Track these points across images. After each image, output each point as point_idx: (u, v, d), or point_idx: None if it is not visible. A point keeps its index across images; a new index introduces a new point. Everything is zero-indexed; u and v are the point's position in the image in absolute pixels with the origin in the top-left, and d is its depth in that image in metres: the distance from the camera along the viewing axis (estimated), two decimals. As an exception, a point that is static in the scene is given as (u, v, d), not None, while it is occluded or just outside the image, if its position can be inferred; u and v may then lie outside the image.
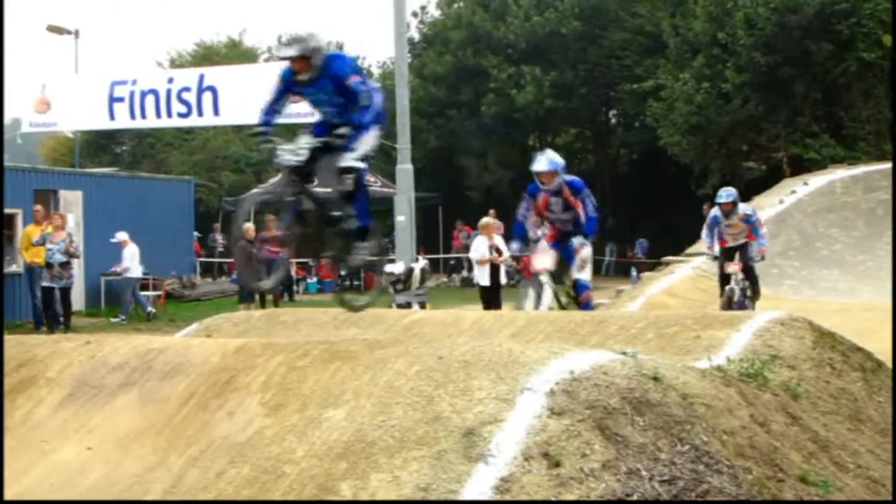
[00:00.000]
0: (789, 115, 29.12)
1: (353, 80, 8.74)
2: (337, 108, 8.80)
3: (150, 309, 24.46)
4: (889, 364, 8.36)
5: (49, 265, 21.16)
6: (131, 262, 23.91)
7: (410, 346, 6.35)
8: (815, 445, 6.37)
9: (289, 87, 8.96)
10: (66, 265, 21.55)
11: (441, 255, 34.07)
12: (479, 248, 18.96)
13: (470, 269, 22.88)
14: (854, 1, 27.67)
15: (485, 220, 19.71)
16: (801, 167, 27.22)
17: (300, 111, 11.10)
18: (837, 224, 22.13)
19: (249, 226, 23.63)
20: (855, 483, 6.19)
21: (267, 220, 27.87)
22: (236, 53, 51.30)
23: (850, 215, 22.39)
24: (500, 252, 18.83)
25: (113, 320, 23.46)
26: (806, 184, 23.39)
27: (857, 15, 27.60)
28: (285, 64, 8.80)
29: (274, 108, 9.01)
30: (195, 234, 34.44)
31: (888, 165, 23.96)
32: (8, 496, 6.06)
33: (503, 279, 19.42)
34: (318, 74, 8.70)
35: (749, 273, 15.71)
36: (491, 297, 18.81)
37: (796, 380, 7.11)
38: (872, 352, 8.31)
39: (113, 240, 23.99)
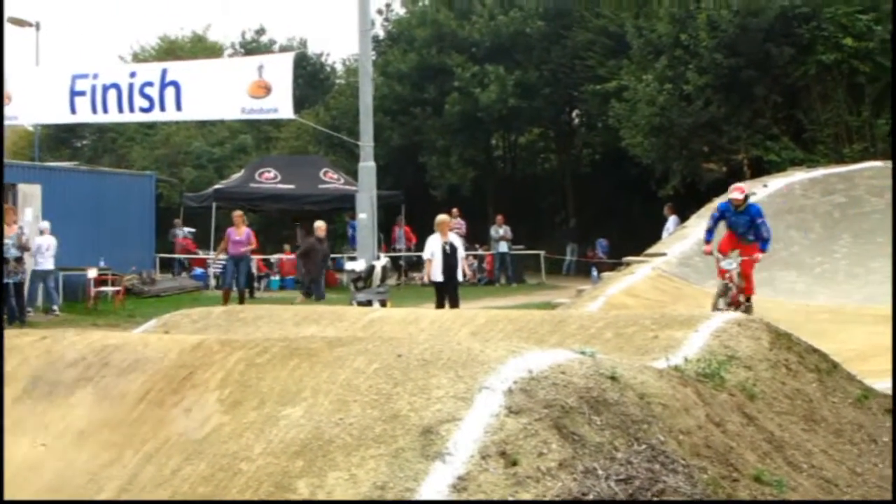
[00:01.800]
0: (750, 117, 29.23)
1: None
2: None
3: (55, 308, 24.25)
4: (846, 367, 8.43)
5: (4, 260, 21.03)
6: (44, 254, 23.75)
7: (370, 344, 6.35)
8: (770, 445, 6.42)
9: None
10: (18, 260, 21.43)
11: (402, 253, 34.08)
12: (431, 245, 19.01)
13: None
14: (814, 5, 27.86)
15: (440, 217, 19.71)
16: (761, 169, 27.34)
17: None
18: (795, 226, 22.27)
19: (321, 224, 23.53)
20: (808, 483, 6.23)
21: (234, 216, 27.89)
22: (200, 48, 51.23)
23: (809, 217, 22.55)
24: (453, 249, 18.90)
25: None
26: (766, 186, 23.50)
27: (817, 19, 27.74)
28: None
29: None
30: (187, 230, 34.29)
31: (845, 168, 24.17)
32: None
33: (460, 276, 19.36)
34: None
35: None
36: (443, 293, 18.89)
37: (752, 380, 7.16)
38: (828, 353, 8.38)
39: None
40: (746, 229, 16.25)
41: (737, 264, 15.81)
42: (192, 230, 34.69)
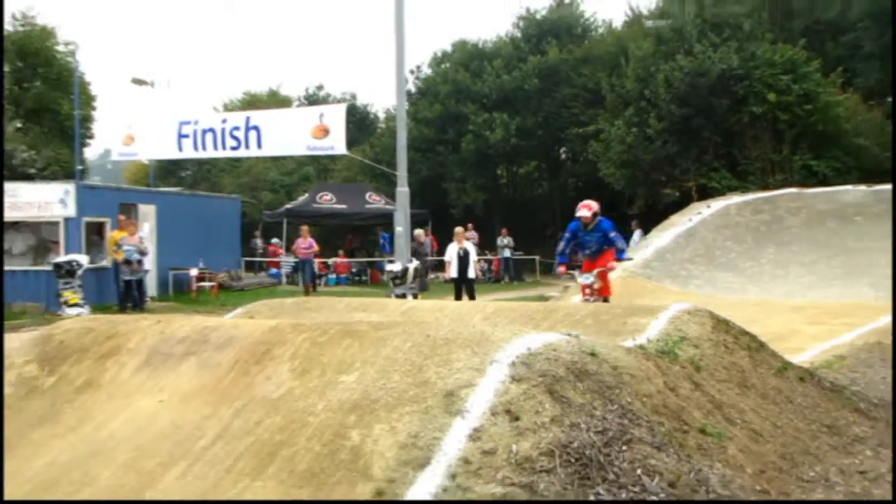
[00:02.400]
0: (697, 154, 29.17)
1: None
2: None
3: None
4: (770, 345, 8.43)
5: (128, 262, 21.23)
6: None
7: (405, 328, 6.37)
8: (712, 405, 6.43)
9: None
10: (139, 262, 21.62)
11: (428, 258, 34.07)
12: (450, 251, 19.66)
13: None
14: (747, 68, 27.85)
15: (456, 229, 20.18)
16: (705, 194, 27.22)
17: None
18: (732, 238, 22.18)
19: (420, 232, 23.37)
20: (741, 433, 6.24)
21: (301, 229, 27.97)
22: (275, 100, 51.33)
23: (742, 231, 22.45)
24: (466, 253, 19.20)
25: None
26: (709, 206, 23.42)
27: (749, 78, 27.75)
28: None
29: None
30: (275, 240, 34.15)
31: (770, 193, 24.07)
32: (100, 436, 6.07)
33: (472, 274, 19.64)
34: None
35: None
36: (459, 286, 19.37)
37: (699, 356, 7.17)
38: (757, 335, 8.38)
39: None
40: (599, 246, 12.80)
41: (594, 278, 12.53)
42: (278, 240, 34.60)
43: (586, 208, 12.77)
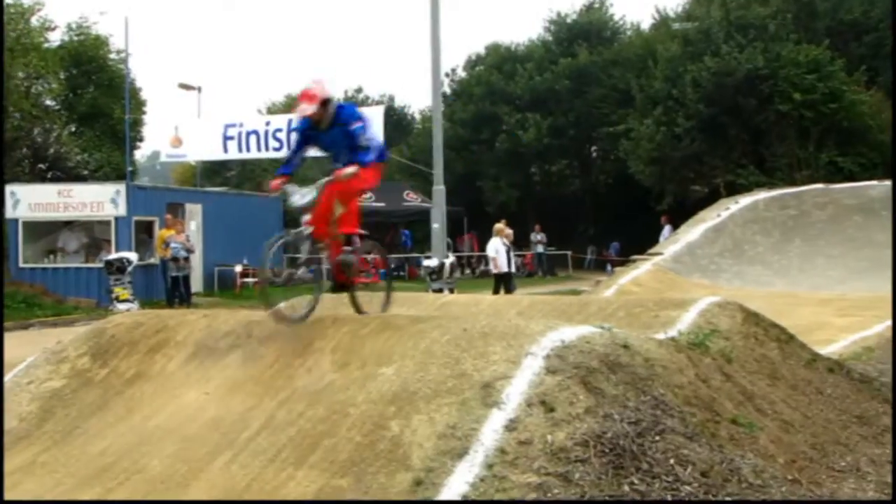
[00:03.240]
0: (725, 151, 29.01)
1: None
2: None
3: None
4: (799, 337, 8.30)
5: (175, 259, 21.35)
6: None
7: (443, 321, 6.33)
8: (743, 396, 6.32)
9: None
10: (186, 259, 21.74)
11: (465, 253, 34.04)
12: (494, 245, 18.92)
13: (487, 263, 22.44)
14: (772, 68, 27.63)
15: (497, 225, 19.64)
16: (733, 190, 26.94)
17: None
18: (760, 232, 21.92)
19: (500, 226, 22.75)
20: (772, 424, 6.14)
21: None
22: (315, 104, 51.37)
23: (769, 226, 22.18)
24: (509, 247, 18.86)
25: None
26: (737, 202, 23.14)
27: (774, 78, 27.55)
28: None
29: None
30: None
31: (797, 189, 23.77)
32: (149, 427, 6.08)
33: (512, 268, 19.28)
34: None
35: None
36: (499, 281, 18.75)
37: (729, 348, 7.07)
38: (786, 327, 8.25)
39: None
40: (342, 147, 7.39)
41: (316, 193, 7.33)
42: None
43: (307, 100, 7.31)
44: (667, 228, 27.39)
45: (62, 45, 32.89)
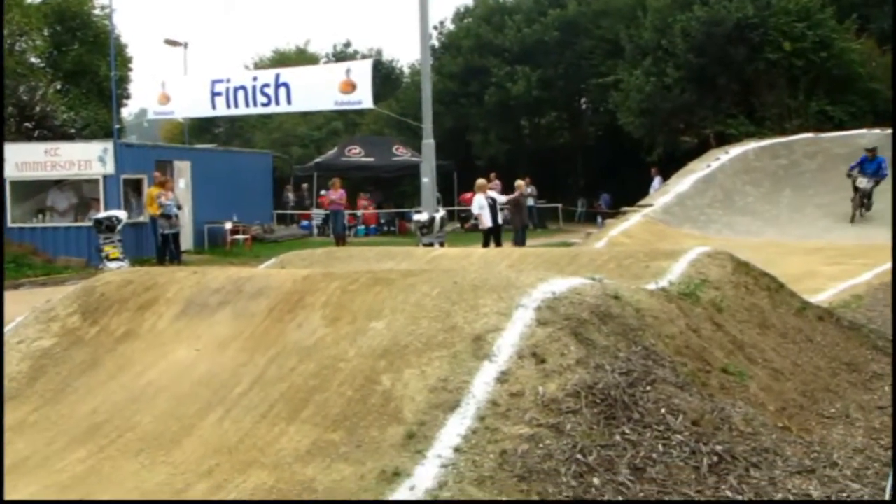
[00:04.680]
0: (715, 101, 28.87)
1: None
2: None
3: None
4: (789, 286, 8.30)
5: (166, 216, 21.29)
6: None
7: (433, 275, 6.31)
8: (734, 346, 6.34)
9: None
10: (176, 216, 21.68)
11: (455, 208, 33.94)
12: (478, 202, 18.90)
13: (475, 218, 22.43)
14: (762, 16, 27.42)
15: (479, 181, 19.64)
16: (723, 140, 26.89)
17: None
18: (750, 182, 21.95)
19: (521, 182, 22.56)
20: (762, 372, 6.16)
21: (332, 181, 27.85)
22: (303, 58, 50.88)
23: (759, 176, 22.21)
24: (495, 201, 18.88)
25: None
26: (727, 153, 23.15)
27: (764, 26, 27.34)
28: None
29: None
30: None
31: (787, 139, 23.75)
32: (140, 384, 6.07)
33: (499, 220, 19.28)
34: None
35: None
36: (488, 235, 18.80)
37: (720, 297, 7.07)
38: (776, 276, 8.26)
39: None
40: None
41: None
42: (325, 191, 34.27)
43: None
44: (657, 180, 27.39)
45: (45, 0, 32.43)
